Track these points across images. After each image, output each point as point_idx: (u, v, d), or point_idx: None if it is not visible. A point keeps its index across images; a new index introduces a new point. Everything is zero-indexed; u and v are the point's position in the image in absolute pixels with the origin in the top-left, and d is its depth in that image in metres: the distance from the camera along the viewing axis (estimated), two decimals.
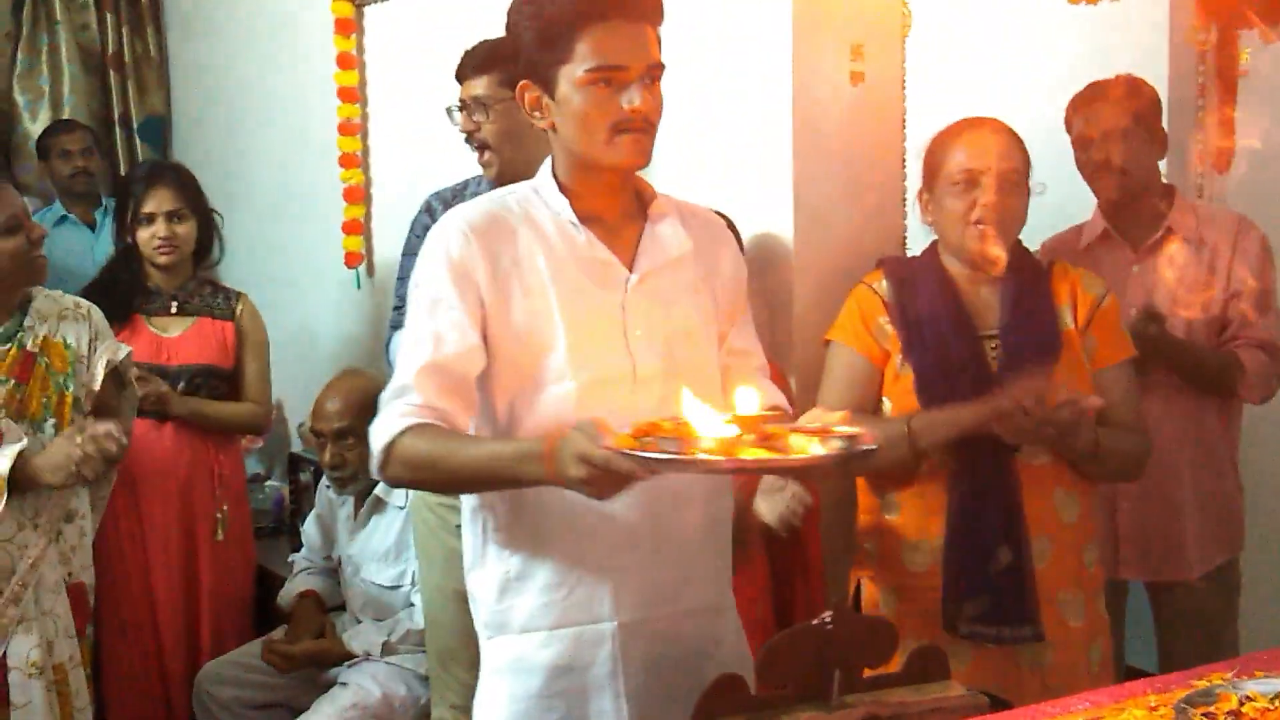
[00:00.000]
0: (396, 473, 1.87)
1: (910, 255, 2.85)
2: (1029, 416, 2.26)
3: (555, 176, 1.96)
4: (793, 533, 2.64)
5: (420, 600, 3.22)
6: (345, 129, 4.44)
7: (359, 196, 4.47)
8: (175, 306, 3.65)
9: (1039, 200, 2.46)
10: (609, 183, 1.94)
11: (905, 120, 2.99)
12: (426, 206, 3.00)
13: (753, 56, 2.87)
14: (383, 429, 1.86)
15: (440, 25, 3.85)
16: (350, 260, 4.49)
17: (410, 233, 3.02)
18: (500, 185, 2.86)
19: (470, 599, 2.05)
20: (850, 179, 2.90)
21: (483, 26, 2.87)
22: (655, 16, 1.90)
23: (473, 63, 2.88)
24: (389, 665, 3.39)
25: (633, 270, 1.94)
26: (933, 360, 2.42)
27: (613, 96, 1.85)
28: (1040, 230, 2.76)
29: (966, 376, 2.40)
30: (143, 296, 3.63)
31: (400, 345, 1.95)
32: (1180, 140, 3.04)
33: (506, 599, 1.96)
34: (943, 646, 1.95)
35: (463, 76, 2.90)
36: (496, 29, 2.83)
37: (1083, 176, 2.96)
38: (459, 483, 1.92)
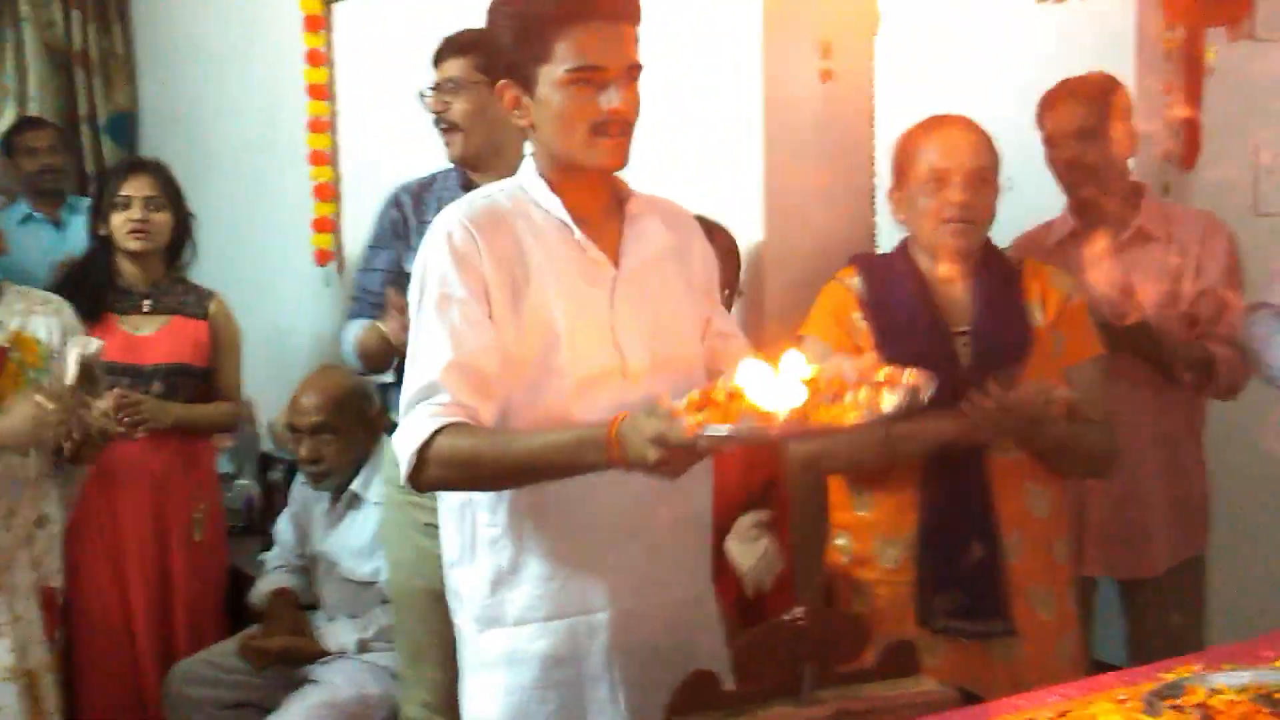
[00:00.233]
0: (433, 475, 1.84)
1: (882, 252, 2.86)
2: (996, 406, 2.28)
3: (539, 170, 1.98)
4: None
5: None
6: (315, 126, 4.42)
7: (329, 194, 4.46)
8: (148, 305, 3.61)
9: (1009, 197, 2.48)
10: (589, 182, 1.96)
11: (875, 117, 3.00)
12: (394, 199, 2.99)
13: (723, 54, 2.87)
14: (412, 433, 1.84)
15: (410, 21, 3.84)
16: (320, 258, 4.46)
17: (376, 224, 3.01)
18: (462, 165, 2.89)
19: (452, 595, 2.05)
20: (820, 176, 2.91)
21: (452, 22, 2.87)
22: (634, 17, 1.91)
23: (452, 45, 2.88)
24: (363, 663, 3.37)
25: (618, 268, 1.97)
26: (905, 356, 2.42)
27: (592, 97, 1.87)
28: (1010, 227, 2.78)
29: (938, 373, 2.40)
30: (114, 295, 3.59)
31: (411, 347, 1.93)
32: (1147, 138, 3.06)
33: (499, 592, 1.97)
34: (916, 641, 1.96)
35: (440, 59, 2.90)
36: (467, 24, 2.84)
37: (1053, 174, 2.97)
38: (506, 477, 1.87)
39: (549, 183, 1.96)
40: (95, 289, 3.56)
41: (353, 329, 2.97)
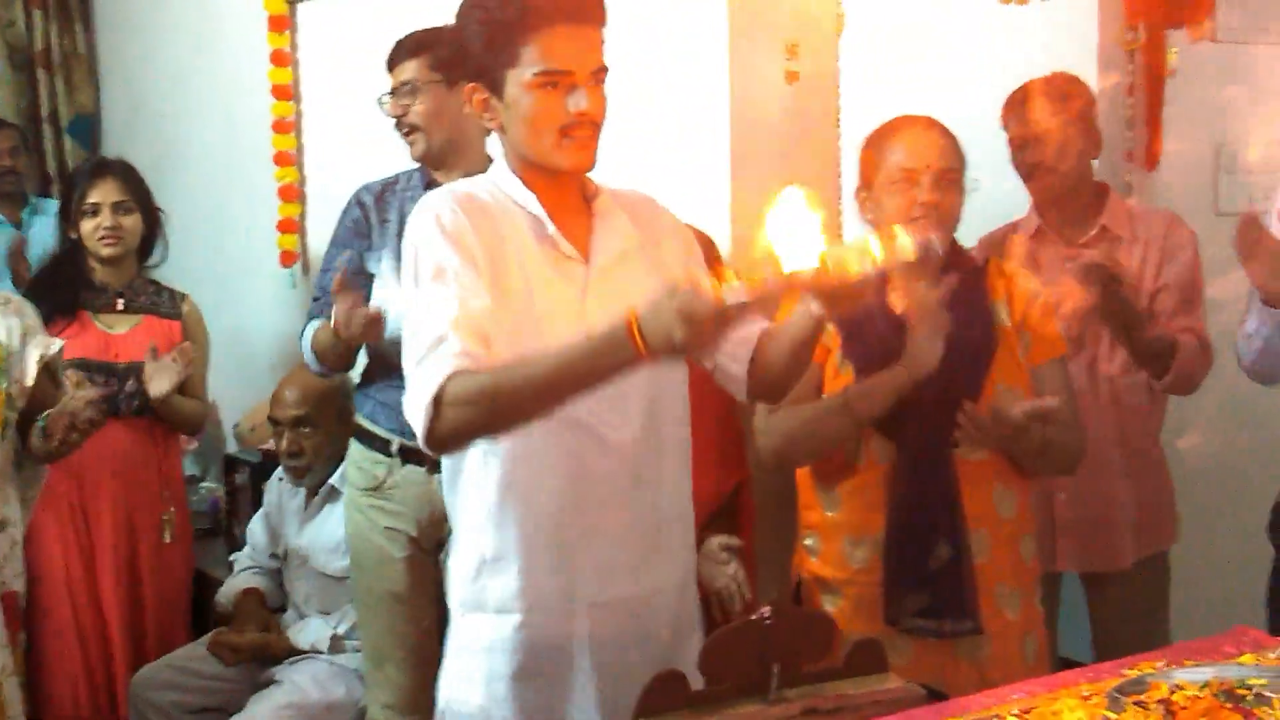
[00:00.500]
0: (451, 419, 1.77)
1: None
2: (988, 430, 2.30)
3: (511, 167, 2.00)
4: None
5: None
6: (279, 127, 4.40)
7: (294, 195, 4.43)
8: (122, 304, 3.64)
9: (974, 197, 2.49)
10: (558, 181, 1.98)
11: (840, 118, 3.01)
12: (356, 199, 2.99)
13: (689, 56, 2.88)
14: (425, 382, 1.79)
15: (374, 22, 3.82)
16: (285, 259, 4.44)
17: (339, 224, 3.00)
18: (425, 163, 2.89)
19: (446, 576, 2.08)
20: (786, 176, 2.88)
21: (416, 22, 2.86)
22: (599, 19, 1.93)
23: (404, 48, 2.89)
24: (330, 665, 3.35)
25: (588, 264, 1.99)
26: (872, 355, 2.43)
27: (559, 100, 1.89)
28: (975, 227, 2.79)
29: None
30: (89, 293, 3.62)
31: (408, 320, 1.90)
32: (1109, 139, 3.09)
33: (481, 579, 1.99)
34: (884, 641, 1.97)
35: (394, 63, 2.90)
36: (429, 24, 2.83)
37: (1017, 174, 2.99)
38: (529, 402, 1.78)
39: (521, 180, 1.98)
40: (69, 286, 3.59)
41: (310, 329, 2.97)
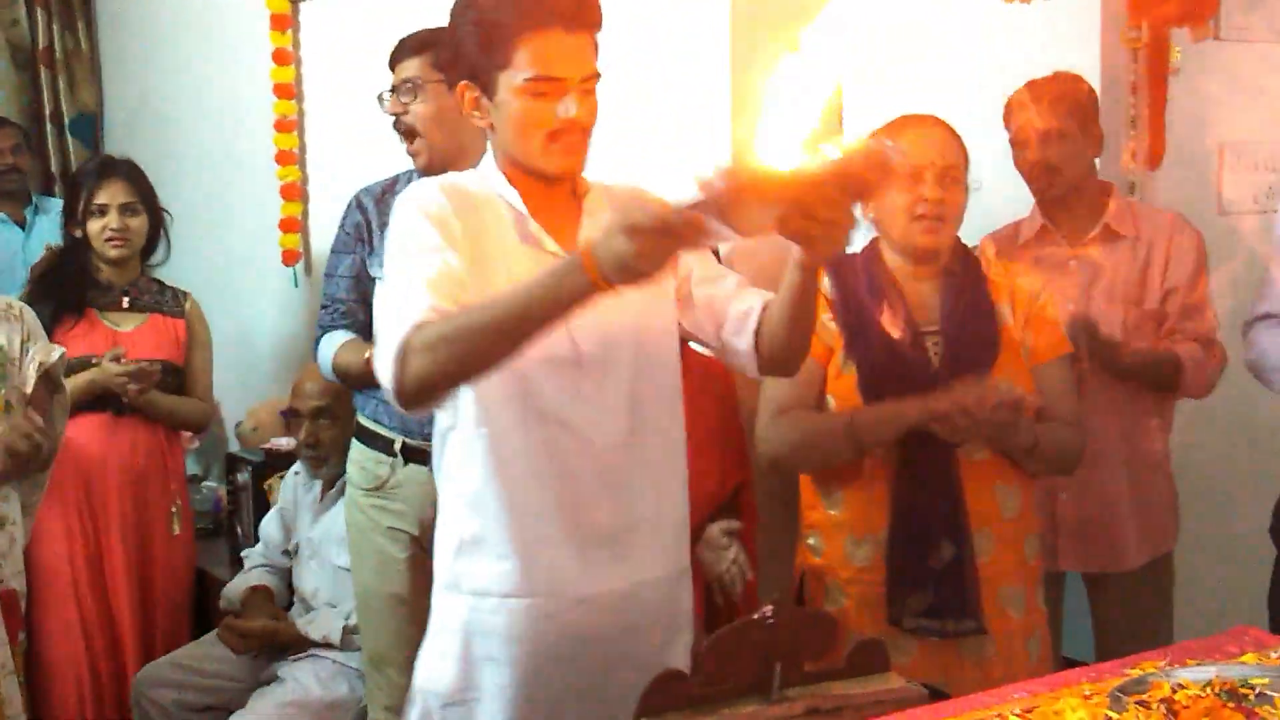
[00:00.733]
0: (416, 367, 1.75)
1: (850, 251, 2.86)
2: (968, 417, 2.29)
3: (499, 165, 1.99)
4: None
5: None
6: (281, 125, 4.40)
7: (296, 194, 4.44)
8: (127, 302, 3.68)
9: (977, 197, 2.49)
10: (546, 180, 1.98)
11: (842, 117, 3.00)
12: (356, 203, 2.97)
13: (689, 55, 2.88)
14: (393, 334, 1.78)
15: (376, 20, 3.82)
16: (287, 258, 4.44)
17: (340, 229, 2.99)
18: (428, 173, 2.86)
19: (435, 553, 2.07)
20: None
21: (418, 21, 2.85)
22: (594, 25, 1.93)
23: (407, 46, 2.86)
24: (333, 663, 3.35)
25: None
26: (874, 356, 2.43)
27: (549, 105, 1.89)
28: (978, 227, 2.79)
29: (908, 373, 2.42)
30: (95, 290, 3.65)
31: (386, 289, 1.89)
32: (1112, 138, 3.08)
33: (461, 561, 1.99)
34: (886, 640, 1.97)
35: (396, 60, 2.88)
36: (432, 23, 2.82)
37: (1020, 175, 2.99)
38: (494, 341, 1.75)
39: (507, 177, 1.98)
40: (76, 285, 3.61)
41: (332, 343, 2.92)
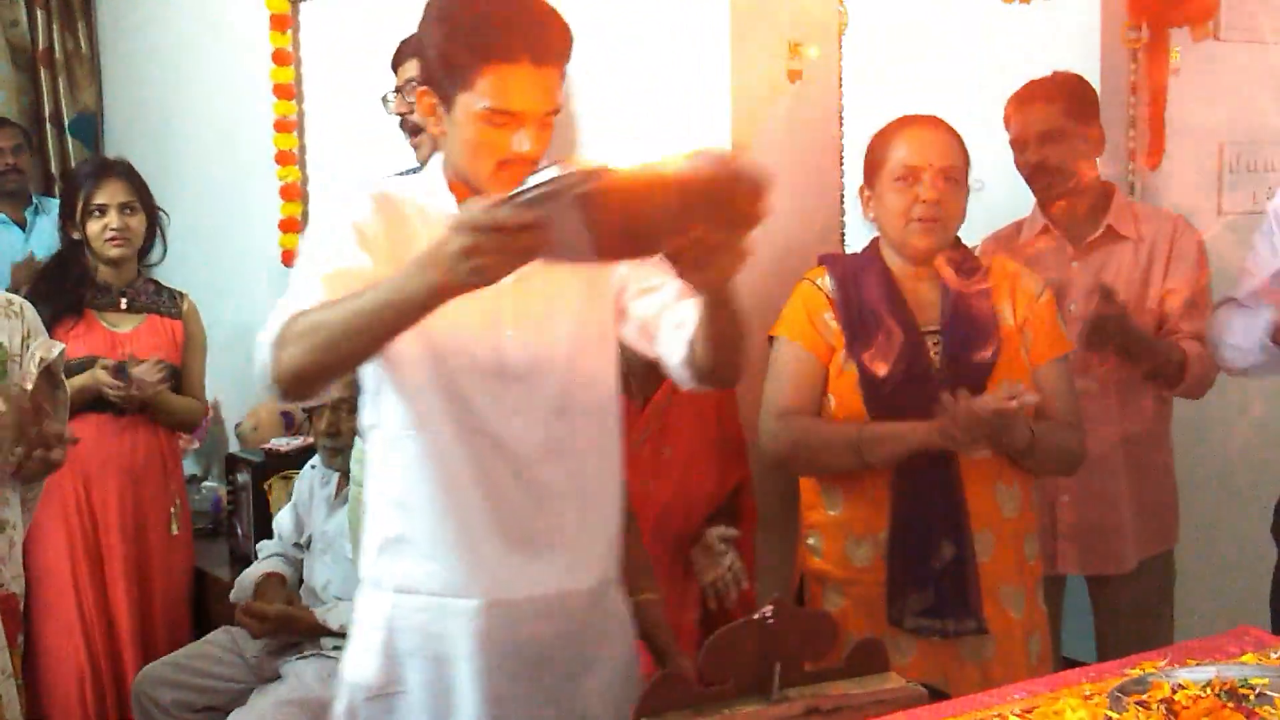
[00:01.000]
0: (286, 358, 1.75)
1: (852, 251, 2.86)
2: (965, 417, 2.29)
3: (445, 174, 1.97)
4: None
5: None
6: (281, 126, 4.40)
7: (296, 194, 4.44)
8: (125, 303, 3.69)
9: (978, 197, 2.49)
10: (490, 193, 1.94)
11: (843, 118, 3.00)
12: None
13: (690, 54, 2.87)
14: (272, 324, 1.79)
15: (376, 20, 3.82)
16: (287, 259, 4.44)
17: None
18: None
19: (361, 549, 2.08)
20: (789, 176, 2.90)
21: (418, 21, 2.84)
22: (564, 58, 1.91)
23: (410, 47, 2.87)
24: (335, 662, 3.34)
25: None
26: (875, 356, 2.43)
27: (505, 136, 1.87)
28: (980, 227, 2.79)
29: (909, 372, 2.42)
30: (93, 291, 3.66)
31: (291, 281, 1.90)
32: (1112, 138, 3.08)
33: (384, 558, 2.00)
34: (887, 640, 1.97)
35: (399, 62, 2.88)
36: None
37: (1021, 175, 2.98)
38: (354, 333, 1.73)
39: (450, 183, 1.96)
40: (75, 286, 3.63)
41: None
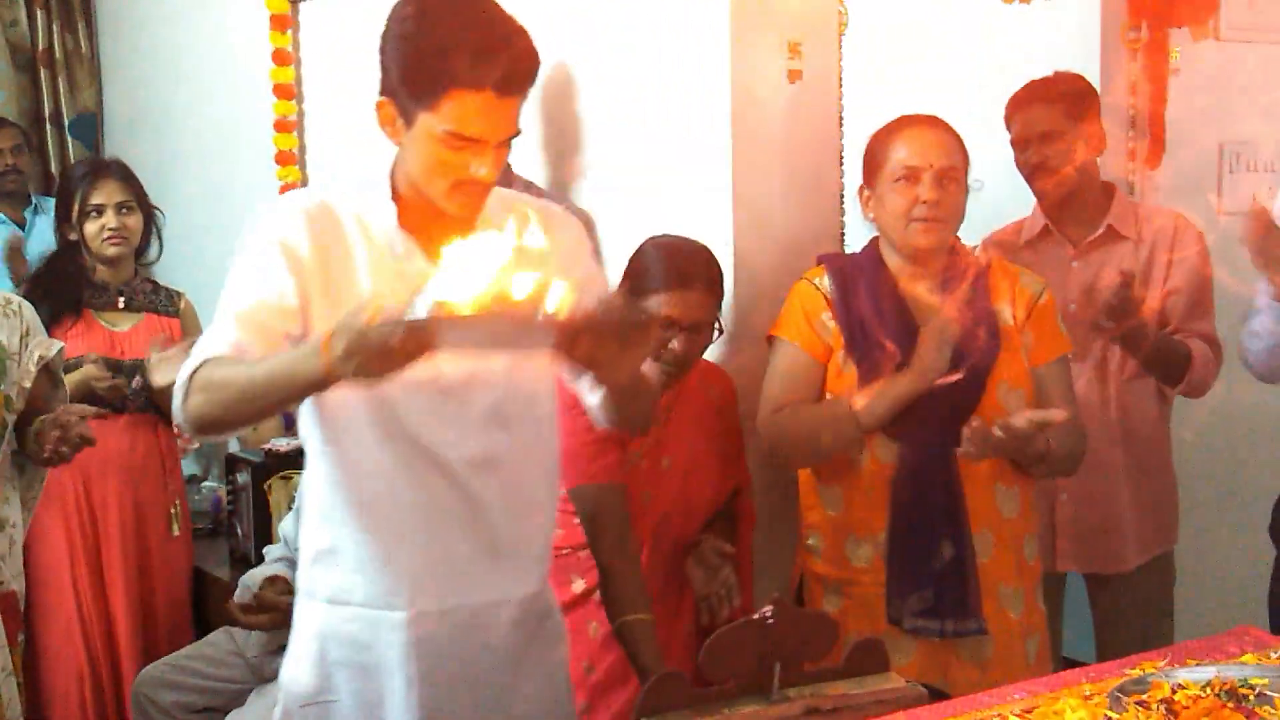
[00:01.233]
0: (192, 405, 1.83)
1: (851, 251, 2.86)
2: (995, 444, 2.28)
3: (393, 181, 1.96)
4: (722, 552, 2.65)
5: None
6: (281, 126, 4.40)
7: None
8: (123, 302, 3.69)
9: (978, 197, 2.49)
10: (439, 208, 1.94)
11: (843, 118, 3.00)
12: None
13: (690, 54, 2.87)
14: (189, 363, 1.85)
15: (376, 20, 3.81)
16: None
17: None
18: None
19: (299, 560, 2.09)
20: (789, 176, 2.91)
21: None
22: (529, 86, 1.90)
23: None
24: None
25: None
26: (875, 356, 2.43)
27: (463, 159, 1.86)
28: (980, 227, 2.78)
29: None
30: (91, 291, 3.66)
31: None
32: (1113, 138, 3.08)
33: (316, 569, 2.02)
34: (886, 641, 1.97)
35: None
36: None
37: (1021, 175, 2.98)
38: (249, 400, 1.81)
39: (398, 191, 1.95)
40: (72, 286, 3.63)
41: None
